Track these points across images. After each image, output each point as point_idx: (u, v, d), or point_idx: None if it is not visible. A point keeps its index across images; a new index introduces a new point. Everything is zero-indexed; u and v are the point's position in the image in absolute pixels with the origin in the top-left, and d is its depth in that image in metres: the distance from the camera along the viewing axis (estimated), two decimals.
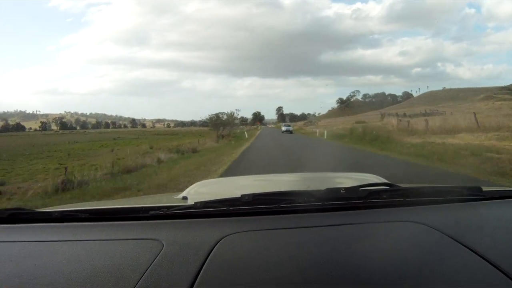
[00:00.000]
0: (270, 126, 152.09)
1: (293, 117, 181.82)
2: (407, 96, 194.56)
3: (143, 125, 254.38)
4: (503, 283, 0.77)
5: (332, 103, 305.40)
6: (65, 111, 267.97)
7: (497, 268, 0.81)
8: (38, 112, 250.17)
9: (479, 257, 0.86)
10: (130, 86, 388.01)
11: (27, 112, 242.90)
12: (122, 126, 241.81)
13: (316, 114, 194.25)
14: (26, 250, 1.03)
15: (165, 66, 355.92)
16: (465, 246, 0.92)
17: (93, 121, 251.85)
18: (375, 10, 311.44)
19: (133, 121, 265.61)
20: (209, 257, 0.89)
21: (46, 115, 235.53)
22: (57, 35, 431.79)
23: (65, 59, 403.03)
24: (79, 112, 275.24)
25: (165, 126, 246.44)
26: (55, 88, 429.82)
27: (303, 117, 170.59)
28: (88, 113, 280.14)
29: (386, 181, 1.72)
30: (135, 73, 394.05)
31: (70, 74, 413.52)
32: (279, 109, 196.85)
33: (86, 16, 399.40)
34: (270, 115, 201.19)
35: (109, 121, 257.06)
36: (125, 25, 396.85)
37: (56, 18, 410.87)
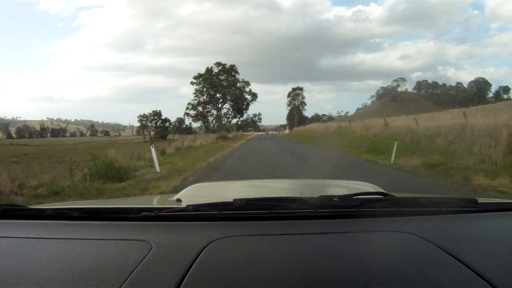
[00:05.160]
0: (271, 133, 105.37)
1: (302, 119, 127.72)
2: (479, 87, 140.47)
3: (106, 133, 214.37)
4: None
5: (330, 109, 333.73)
6: (47, 118, 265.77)
7: (488, 282, 0.85)
8: (18, 119, 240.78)
9: (471, 271, 0.91)
10: (126, 93, 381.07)
11: (6, 118, 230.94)
12: (78, 135, 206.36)
13: (340, 114, 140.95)
14: (15, 246, 1.10)
15: (161, 72, 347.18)
16: (456, 258, 0.96)
17: (73, 128, 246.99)
18: (376, 12, 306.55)
19: (91, 127, 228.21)
20: (196, 261, 0.94)
21: (25, 121, 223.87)
22: (49, 40, 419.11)
23: (59, 65, 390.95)
24: (63, 119, 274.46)
25: (133, 134, 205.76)
26: (51, 95, 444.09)
27: (317, 118, 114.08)
28: (73, 120, 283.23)
29: (381, 190, 1.77)
30: (132, 80, 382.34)
31: (65, 80, 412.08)
32: (295, 95, 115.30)
33: (78, 20, 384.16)
34: (268, 121, 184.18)
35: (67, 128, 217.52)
36: (118, 30, 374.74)
37: (46, 22, 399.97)
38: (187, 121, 68.33)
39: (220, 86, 65.58)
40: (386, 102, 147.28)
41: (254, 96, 70.49)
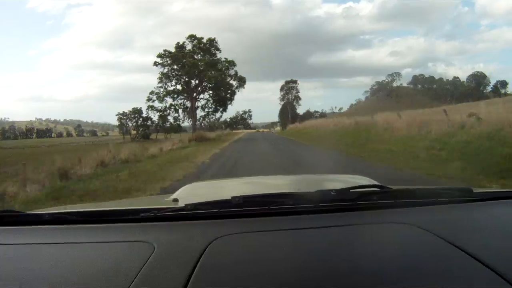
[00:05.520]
0: (262, 130, 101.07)
1: (294, 117, 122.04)
2: (477, 81, 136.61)
3: (94, 133, 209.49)
4: (495, 282, 0.83)
5: (320, 106, 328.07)
6: (36, 118, 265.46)
7: (489, 267, 0.87)
8: (7, 119, 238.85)
9: (471, 257, 0.92)
10: (116, 91, 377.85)
11: None
12: (65, 135, 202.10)
13: (334, 111, 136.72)
14: (16, 252, 1.10)
15: (151, 70, 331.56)
16: (456, 246, 0.97)
17: (61, 128, 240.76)
18: (366, 8, 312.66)
19: (78, 127, 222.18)
20: (200, 259, 0.94)
21: (13, 122, 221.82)
22: (38, 39, 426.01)
23: (48, 64, 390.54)
24: (52, 119, 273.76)
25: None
26: (40, 95, 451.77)
27: (309, 116, 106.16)
28: (62, 120, 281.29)
29: (377, 183, 1.78)
30: (121, 78, 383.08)
31: (54, 80, 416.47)
32: (288, 88, 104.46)
33: (67, 18, 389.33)
34: (259, 118, 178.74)
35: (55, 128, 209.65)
36: (108, 28, 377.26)
37: (35, 20, 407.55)
38: (150, 115, 52.56)
39: (194, 67, 44.65)
40: (382, 98, 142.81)
41: (242, 81, 49.66)
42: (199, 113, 49.27)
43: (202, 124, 52.56)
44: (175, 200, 1.64)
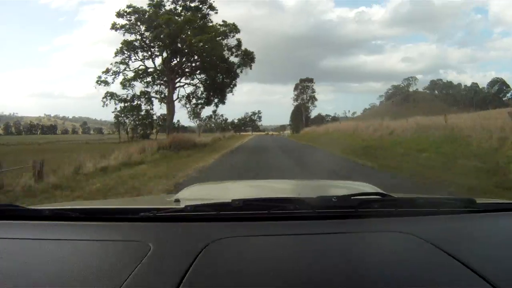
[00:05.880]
0: (271, 133, 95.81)
1: (307, 119, 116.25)
2: (496, 89, 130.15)
3: (100, 131, 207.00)
4: None
5: (330, 110, 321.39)
6: (44, 114, 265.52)
7: (488, 282, 0.85)
8: (16, 115, 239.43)
9: (470, 270, 0.91)
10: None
11: (3, 113, 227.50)
12: (71, 132, 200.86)
13: (347, 115, 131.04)
14: (14, 247, 1.12)
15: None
16: (455, 258, 0.96)
17: (69, 125, 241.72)
18: (379, 13, 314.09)
19: (84, 125, 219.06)
20: (195, 262, 0.94)
21: (22, 118, 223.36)
22: (50, 36, 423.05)
23: (60, 61, 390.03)
24: (61, 115, 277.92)
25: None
26: (51, 91, 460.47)
27: (320, 119, 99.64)
28: (70, 117, 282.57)
29: (380, 190, 1.77)
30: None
31: (66, 76, 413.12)
32: (303, 87, 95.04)
33: (79, 15, 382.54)
34: (268, 121, 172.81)
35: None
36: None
37: (48, 16, 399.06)
38: (108, 109, 34.35)
39: (170, 26, 26.85)
40: (398, 102, 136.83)
41: (248, 57, 31.40)
42: (205, 110, 34.64)
43: (207, 124, 46.17)
44: (177, 200, 1.63)
